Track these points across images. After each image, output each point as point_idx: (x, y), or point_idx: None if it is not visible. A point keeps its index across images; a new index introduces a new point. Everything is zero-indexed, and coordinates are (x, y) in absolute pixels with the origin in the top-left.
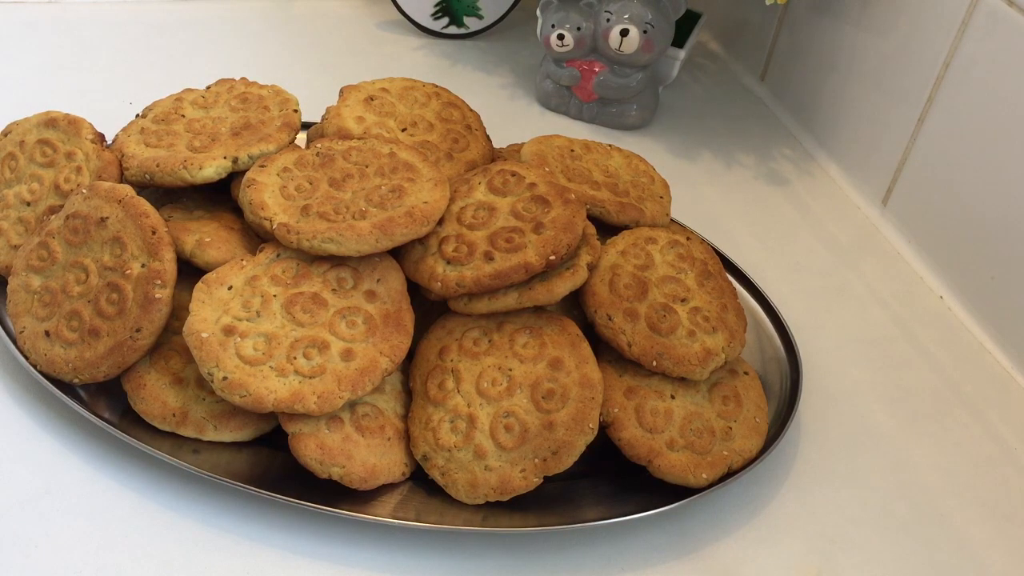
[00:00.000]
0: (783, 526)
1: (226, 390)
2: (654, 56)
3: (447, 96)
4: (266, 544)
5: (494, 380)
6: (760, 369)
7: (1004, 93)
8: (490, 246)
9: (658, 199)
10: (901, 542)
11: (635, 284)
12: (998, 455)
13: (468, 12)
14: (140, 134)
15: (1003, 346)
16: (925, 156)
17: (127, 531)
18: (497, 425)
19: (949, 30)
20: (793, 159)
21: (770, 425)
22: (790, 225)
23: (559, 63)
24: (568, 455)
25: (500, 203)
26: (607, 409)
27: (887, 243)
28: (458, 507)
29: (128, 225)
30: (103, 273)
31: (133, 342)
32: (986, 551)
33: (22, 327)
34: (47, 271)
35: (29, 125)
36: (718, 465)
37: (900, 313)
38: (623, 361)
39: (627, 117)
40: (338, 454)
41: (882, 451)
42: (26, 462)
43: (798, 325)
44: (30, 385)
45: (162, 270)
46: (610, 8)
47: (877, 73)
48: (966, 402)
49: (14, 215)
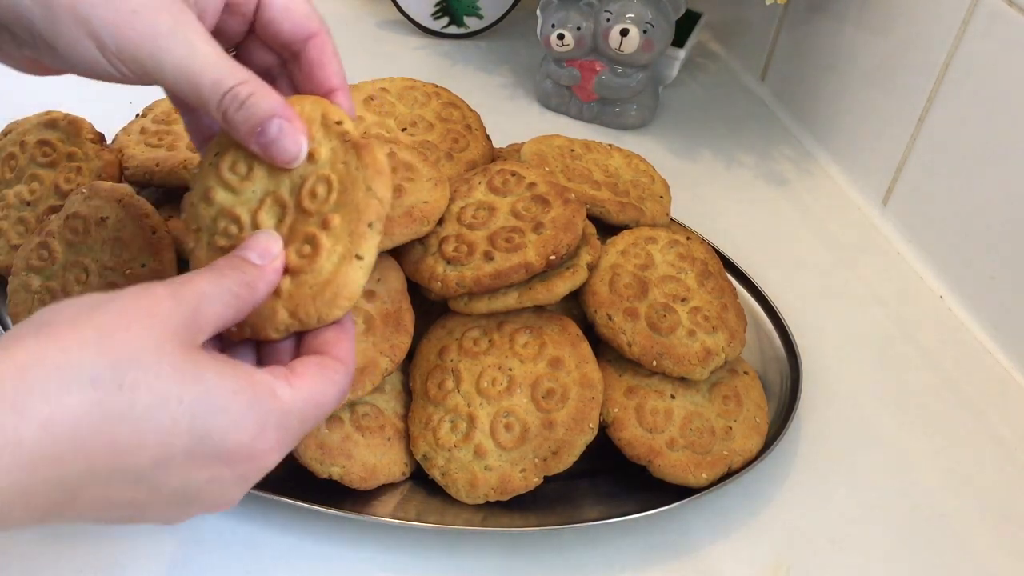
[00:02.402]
0: (783, 526)
1: None
2: (654, 56)
3: (447, 96)
4: (266, 544)
5: (494, 380)
6: (760, 369)
7: (1004, 93)
8: (490, 246)
9: (658, 199)
10: (901, 542)
11: (635, 284)
12: (998, 455)
13: (468, 12)
14: (140, 134)
15: (1003, 346)
16: (925, 156)
17: (126, 531)
18: (497, 425)
19: (949, 30)
20: (793, 159)
21: (770, 425)
22: (790, 225)
23: (559, 63)
24: (568, 455)
25: (500, 203)
26: (607, 409)
27: (887, 243)
28: (458, 507)
29: (128, 225)
30: (103, 273)
31: None
32: (986, 551)
33: None
34: (47, 271)
35: (29, 125)
36: (718, 465)
37: (900, 313)
38: (623, 361)
39: (627, 117)
40: (338, 454)
41: (882, 451)
42: None
43: (798, 325)
44: None
45: (162, 270)
46: (610, 8)
47: (877, 73)
48: (966, 402)
49: (14, 215)
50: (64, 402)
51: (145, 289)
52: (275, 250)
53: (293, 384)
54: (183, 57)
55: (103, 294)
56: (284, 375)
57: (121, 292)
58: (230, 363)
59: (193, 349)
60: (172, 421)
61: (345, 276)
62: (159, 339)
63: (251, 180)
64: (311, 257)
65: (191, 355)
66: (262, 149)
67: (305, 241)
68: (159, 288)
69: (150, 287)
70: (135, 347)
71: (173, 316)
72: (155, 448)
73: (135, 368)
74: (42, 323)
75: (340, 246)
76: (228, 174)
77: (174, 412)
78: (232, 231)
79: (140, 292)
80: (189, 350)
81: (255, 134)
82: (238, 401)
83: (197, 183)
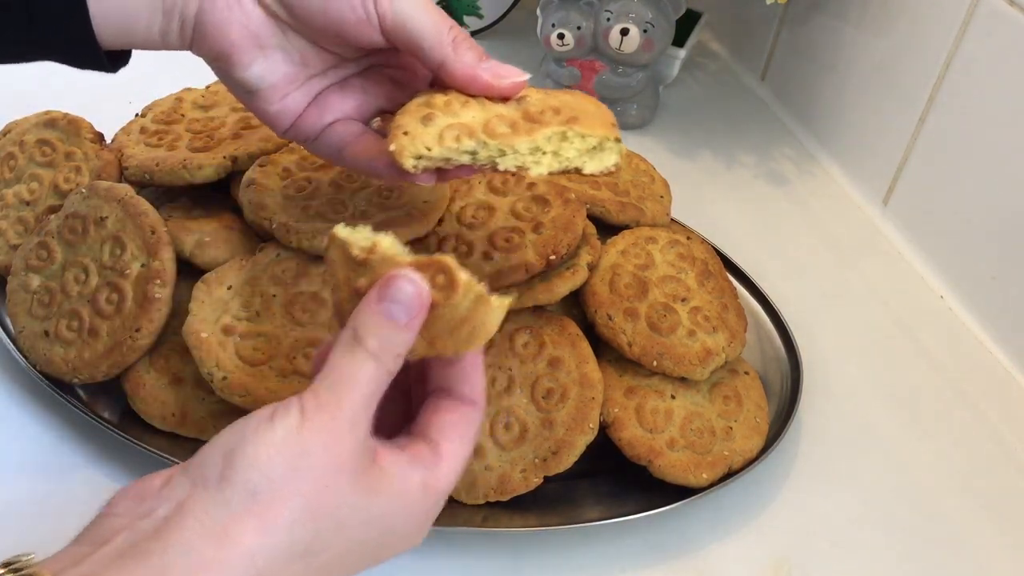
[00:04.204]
0: (783, 526)
1: (226, 390)
2: (654, 55)
3: None
4: None
5: (494, 379)
6: (760, 369)
7: (1005, 93)
8: (490, 246)
9: (658, 198)
10: (901, 542)
11: (635, 284)
12: (998, 455)
13: (468, 11)
14: (140, 134)
15: (1003, 346)
16: (926, 156)
17: None
18: (497, 424)
19: (950, 30)
20: (794, 158)
21: (770, 425)
22: (790, 225)
23: (559, 62)
24: (568, 455)
25: (500, 203)
26: (607, 409)
27: (888, 243)
28: (458, 507)
29: (127, 225)
30: (102, 273)
31: (132, 342)
32: (986, 551)
33: (21, 327)
34: (46, 271)
35: (28, 125)
36: (718, 465)
37: (900, 313)
38: (623, 361)
39: (627, 116)
40: None
41: (882, 451)
42: (25, 462)
43: (798, 325)
44: (29, 385)
45: (161, 270)
46: (610, 7)
47: (878, 73)
48: (966, 402)
49: (13, 215)
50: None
51: (328, 430)
52: (419, 304)
53: (442, 468)
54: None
55: (291, 430)
56: (432, 461)
57: (306, 432)
58: (398, 470)
59: (371, 468)
60: (362, 537)
61: (484, 316)
62: (351, 484)
63: None
64: (447, 291)
65: (370, 482)
66: (492, 75)
67: (439, 271)
68: (343, 426)
69: (333, 424)
70: (335, 504)
71: (355, 450)
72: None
73: (336, 531)
74: (249, 492)
75: (476, 287)
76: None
77: (363, 533)
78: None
79: (326, 435)
80: (368, 472)
81: (480, 61)
82: (413, 514)
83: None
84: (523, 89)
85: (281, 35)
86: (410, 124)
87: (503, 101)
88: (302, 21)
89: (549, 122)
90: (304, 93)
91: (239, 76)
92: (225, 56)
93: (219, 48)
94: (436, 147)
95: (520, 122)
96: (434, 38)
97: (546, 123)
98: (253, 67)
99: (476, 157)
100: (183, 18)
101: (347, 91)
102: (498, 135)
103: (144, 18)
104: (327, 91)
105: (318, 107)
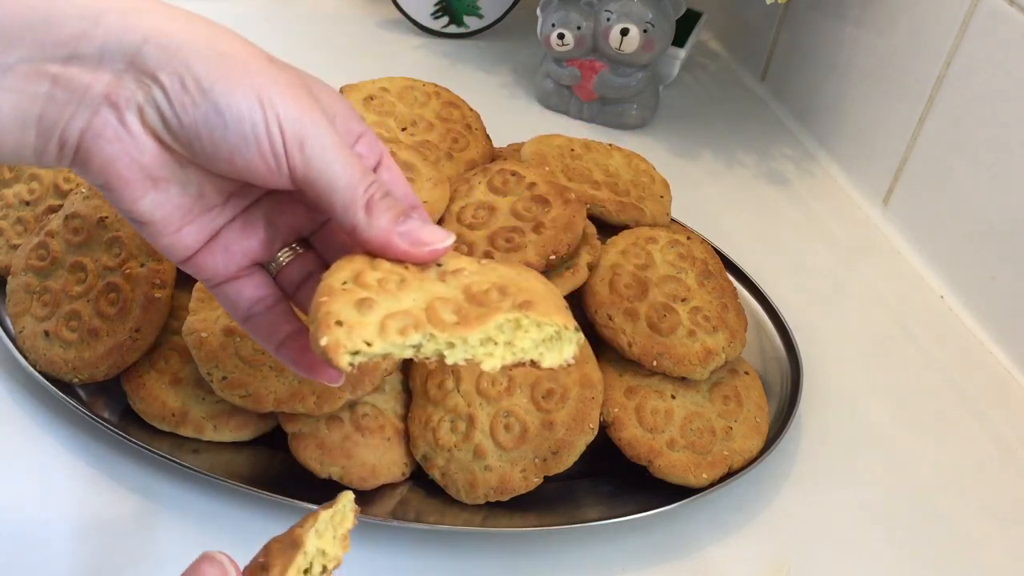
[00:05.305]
0: (783, 526)
1: (226, 390)
2: (654, 55)
3: (447, 95)
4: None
5: (494, 380)
6: (760, 369)
7: (1005, 93)
8: (490, 246)
9: (658, 198)
10: (901, 542)
11: (635, 284)
12: (998, 455)
13: (468, 11)
14: None
15: (1004, 346)
16: (926, 156)
17: (126, 531)
18: (497, 425)
19: (950, 29)
20: (794, 159)
21: (770, 425)
22: (790, 225)
23: (559, 62)
24: (568, 455)
25: (500, 203)
26: (607, 409)
27: (888, 243)
28: (458, 507)
29: (127, 225)
30: (102, 273)
31: (132, 342)
32: (986, 551)
33: (21, 327)
34: (47, 271)
35: None
36: (718, 465)
37: (900, 313)
38: (623, 361)
39: (627, 116)
40: (338, 454)
41: (882, 451)
42: (25, 462)
43: (798, 325)
44: (30, 385)
45: (161, 270)
46: (610, 7)
47: (878, 72)
48: (966, 402)
49: (13, 215)
50: None
51: None
52: None
53: None
54: (326, 147)
55: None
56: None
57: None
58: None
59: None
60: None
61: None
62: None
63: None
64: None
65: None
66: (410, 243)
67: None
68: None
69: None
70: None
71: None
72: None
73: None
74: None
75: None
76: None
77: None
78: None
79: None
80: None
81: (396, 225)
82: None
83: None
84: (444, 255)
85: (178, 168)
86: (343, 311)
87: (420, 266)
88: (204, 164)
89: (499, 306)
90: (200, 228)
91: (126, 208)
92: (111, 187)
93: (104, 179)
94: (378, 342)
95: (466, 306)
96: (347, 197)
97: (495, 307)
98: (143, 201)
99: (420, 351)
100: (63, 141)
101: (250, 226)
102: (447, 326)
103: (14, 136)
104: (227, 227)
105: (218, 245)
